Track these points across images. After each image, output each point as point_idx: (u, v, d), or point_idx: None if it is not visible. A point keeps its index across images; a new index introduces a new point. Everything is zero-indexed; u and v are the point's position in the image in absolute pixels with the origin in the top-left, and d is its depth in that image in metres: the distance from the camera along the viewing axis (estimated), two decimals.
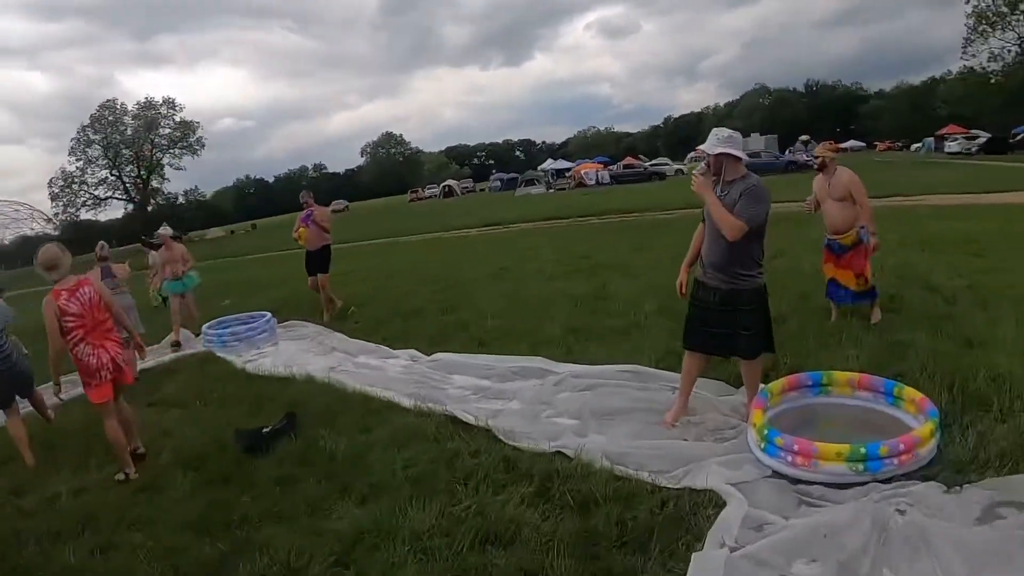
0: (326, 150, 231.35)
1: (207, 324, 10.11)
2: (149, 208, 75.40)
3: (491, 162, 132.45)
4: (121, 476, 4.99)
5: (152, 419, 6.25)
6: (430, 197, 73.10)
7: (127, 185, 75.89)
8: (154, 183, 76.89)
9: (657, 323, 6.97)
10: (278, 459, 4.85)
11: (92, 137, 72.68)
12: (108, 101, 73.87)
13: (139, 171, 75.31)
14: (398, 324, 8.79)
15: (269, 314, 9.98)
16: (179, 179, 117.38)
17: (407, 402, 5.54)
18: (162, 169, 76.65)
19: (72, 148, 72.75)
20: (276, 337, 9.36)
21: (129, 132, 73.50)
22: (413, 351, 7.26)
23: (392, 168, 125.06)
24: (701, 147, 4.36)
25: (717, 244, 4.20)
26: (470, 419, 4.96)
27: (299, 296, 12.06)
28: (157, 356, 9.45)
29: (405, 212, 48.55)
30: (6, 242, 71.49)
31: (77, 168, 72.63)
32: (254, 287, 16.41)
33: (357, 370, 6.95)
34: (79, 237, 73.84)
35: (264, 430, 5.30)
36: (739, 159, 4.17)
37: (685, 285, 4.65)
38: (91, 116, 73.04)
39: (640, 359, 5.79)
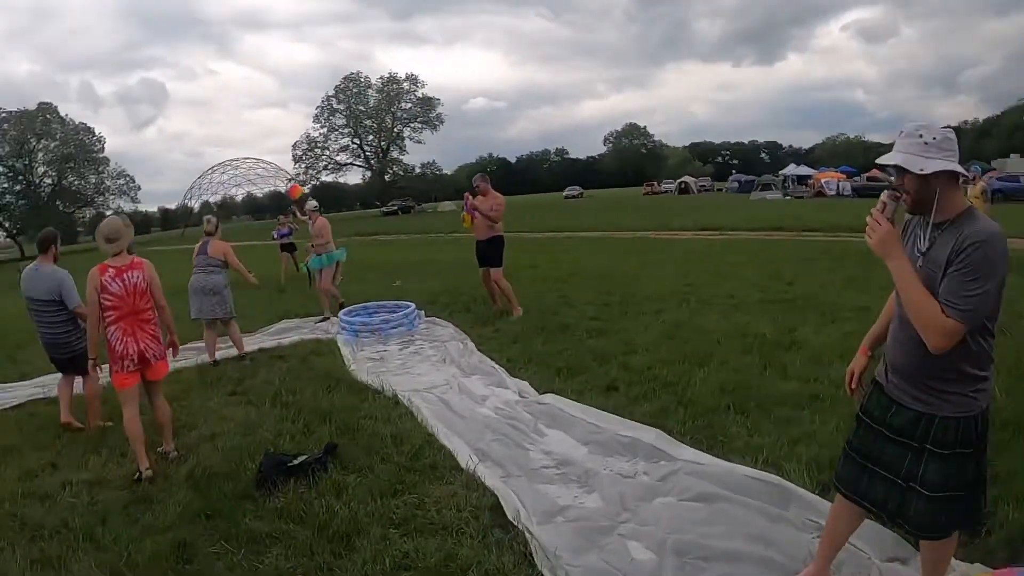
0: (570, 135, 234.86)
1: (345, 309, 9.67)
2: (387, 177, 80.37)
3: (735, 162, 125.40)
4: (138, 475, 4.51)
5: (216, 413, 5.77)
6: (665, 192, 70.59)
7: (367, 154, 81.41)
8: (394, 153, 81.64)
9: (845, 400, 5.05)
10: (277, 506, 3.94)
11: (336, 106, 79.31)
12: (353, 73, 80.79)
13: (379, 141, 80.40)
14: (536, 342, 7.55)
15: (413, 306, 9.31)
16: (419, 152, 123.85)
17: (465, 461, 4.35)
18: (402, 141, 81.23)
19: (316, 115, 79.96)
20: (413, 334, 8.66)
21: (372, 104, 78.60)
22: (526, 384, 5.99)
23: (633, 159, 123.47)
24: (884, 158, 2.36)
25: (906, 335, 2.38)
26: (517, 513, 3.62)
27: (470, 285, 11.37)
28: (279, 336, 9.31)
29: (632, 205, 46.67)
30: (260, 195, 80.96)
31: (320, 134, 79.47)
32: (436, 269, 16.03)
33: (452, 397, 5.83)
34: (327, 196, 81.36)
35: (295, 460, 4.39)
36: (956, 178, 2.26)
37: (858, 378, 2.78)
38: (335, 87, 79.72)
39: (791, 464, 3.94)
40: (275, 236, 17.52)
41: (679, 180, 73.28)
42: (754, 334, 7.19)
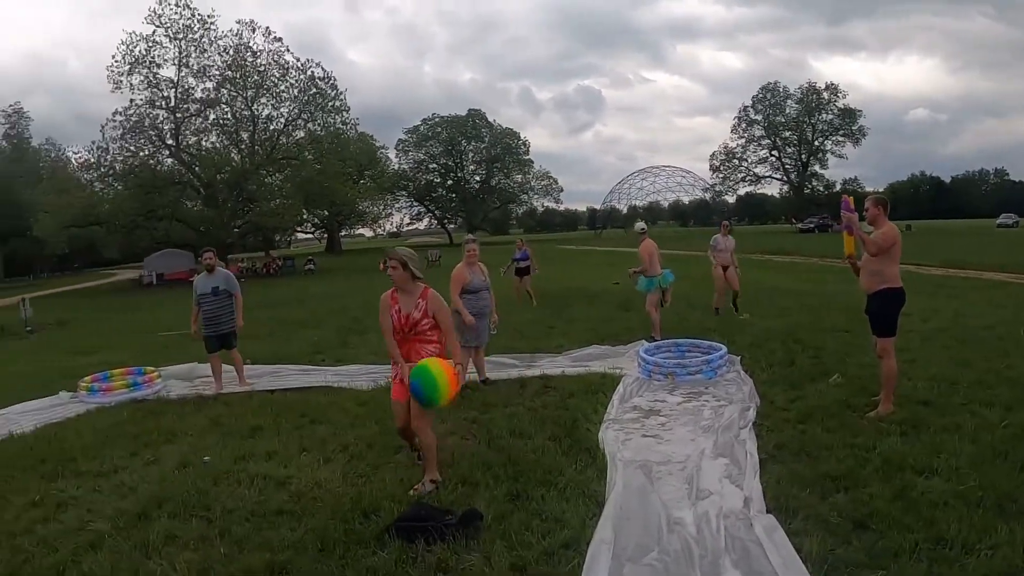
0: (1013, 154, 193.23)
1: (651, 345, 9.21)
2: (805, 192, 77.34)
3: None
4: (428, 486, 4.92)
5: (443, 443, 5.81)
6: None
7: (786, 166, 78.85)
8: (815, 167, 78.13)
9: None
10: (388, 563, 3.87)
11: (753, 117, 77.76)
12: (770, 83, 79.04)
13: (799, 154, 77.51)
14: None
15: (723, 349, 8.45)
16: (841, 166, 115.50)
17: None
18: (823, 155, 77.29)
19: (734, 126, 79.85)
20: (708, 384, 7.75)
21: (790, 114, 76.10)
22: (758, 491, 4.81)
23: None
24: None
25: None
26: None
27: (816, 330, 10.03)
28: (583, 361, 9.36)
29: None
30: (665, 205, 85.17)
31: (738, 145, 79.26)
32: (805, 302, 14.19)
33: (668, 484, 5.03)
34: (749, 208, 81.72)
35: (443, 520, 4.20)
36: None
37: None
38: (752, 97, 78.74)
39: None
40: (513, 260, 17.52)
41: None
42: None
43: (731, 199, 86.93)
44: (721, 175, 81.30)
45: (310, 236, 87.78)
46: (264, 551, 4.15)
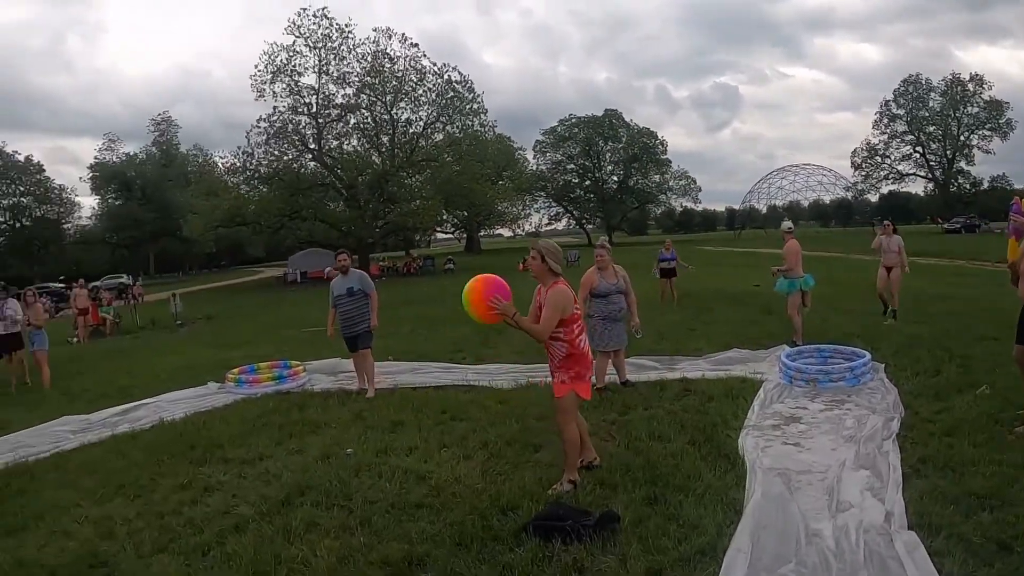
0: None
1: (793, 350, 8.90)
2: (952, 189, 72.65)
3: None
4: (567, 486, 4.92)
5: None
6: None
7: (930, 163, 74.33)
8: (961, 164, 73.17)
9: None
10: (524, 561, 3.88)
11: (895, 112, 73.45)
12: (911, 76, 74.13)
13: (943, 150, 72.80)
14: None
15: (868, 356, 8.03)
16: (990, 163, 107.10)
17: None
18: (969, 151, 72.15)
19: (875, 122, 76.05)
20: (851, 391, 7.32)
21: (936, 108, 71.49)
22: (900, 504, 4.55)
23: None
24: None
25: None
26: None
27: (967, 339, 9.34)
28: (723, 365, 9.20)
29: None
30: (805, 204, 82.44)
31: (880, 141, 75.09)
32: (952, 306, 13.19)
33: (806, 494, 4.80)
34: (893, 207, 78.04)
35: (580, 522, 4.13)
36: None
37: None
38: (894, 91, 74.55)
39: None
40: (659, 260, 17.36)
41: None
42: None
43: (873, 198, 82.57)
44: (863, 173, 76.92)
45: (449, 236, 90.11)
46: (403, 542, 4.26)
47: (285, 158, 46.97)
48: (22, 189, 69.18)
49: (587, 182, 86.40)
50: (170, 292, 28.85)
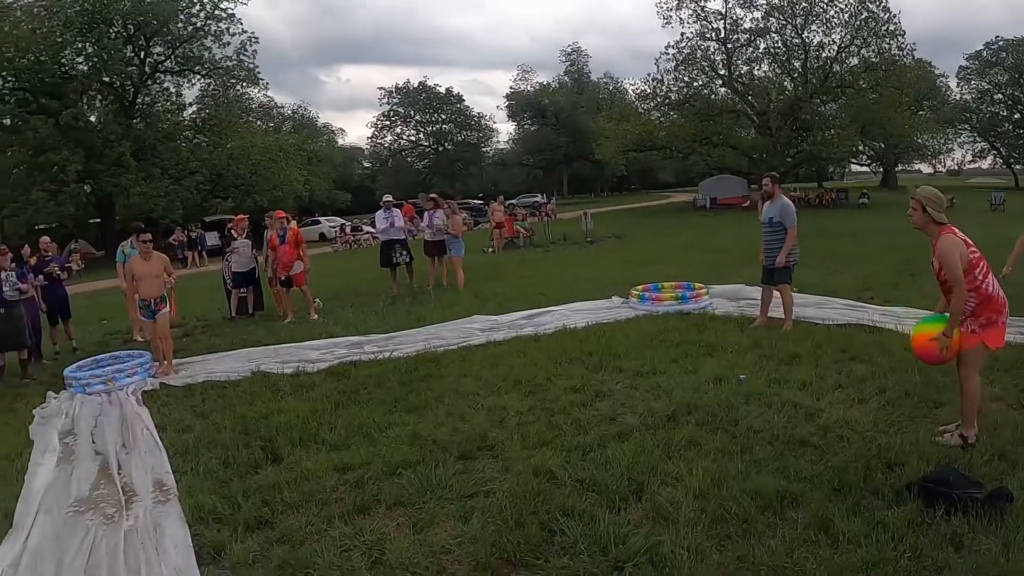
0: None
1: None
2: None
3: None
4: (956, 439, 4.71)
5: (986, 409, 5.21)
6: None
7: None
8: None
9: None
10: (900, 521, 3.73)
11: None
12: None
13: None
14: None
15: None
16: None
17: None
18: None
19: None
20: None
21: None
22: None
23: None
24: None
25: None
26: None
27: None
28: None
29: None
30: None
31: None
32: None
33: None
34: None
35: (970, 491, 3.84)
36: None
37: None
38: None
39: None
40: None
41: None
42: None
43: None
44: None
45: (865, 170, 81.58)
46: (779, 476, 4.31)
47: (695, 84, 46.91)
48: (444, 117, 78.85)
49: (1016, 115, 70.13)
50: (582, 211, 30.86)
